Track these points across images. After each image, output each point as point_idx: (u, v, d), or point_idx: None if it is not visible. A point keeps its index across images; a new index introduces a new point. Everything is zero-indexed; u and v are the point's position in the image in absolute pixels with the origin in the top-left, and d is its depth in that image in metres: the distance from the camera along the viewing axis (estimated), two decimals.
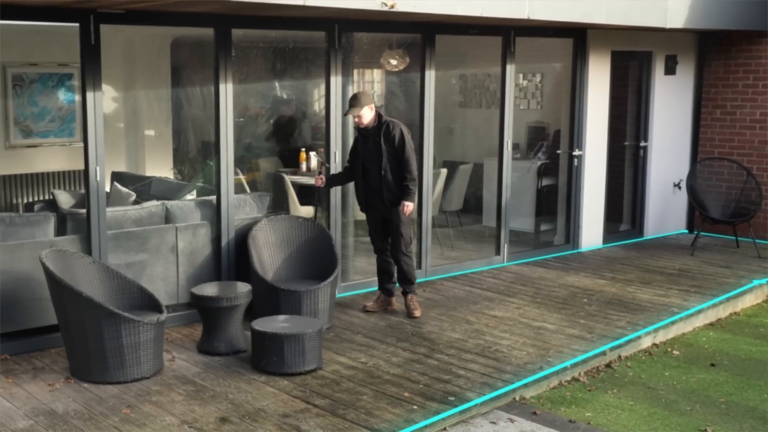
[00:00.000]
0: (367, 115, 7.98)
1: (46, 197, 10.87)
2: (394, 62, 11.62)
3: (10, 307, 7.11)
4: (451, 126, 13.15)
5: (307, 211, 10.16)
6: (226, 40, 7.92)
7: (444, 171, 10.82)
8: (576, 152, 11.03)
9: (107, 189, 8.52)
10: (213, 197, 8.31)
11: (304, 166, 11.51)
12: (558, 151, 11.39)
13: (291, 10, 7.33)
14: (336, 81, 8.72)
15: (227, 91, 8.00)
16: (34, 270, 6.99)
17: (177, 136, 12.56)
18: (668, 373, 7.28)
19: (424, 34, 9.34)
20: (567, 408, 6.47)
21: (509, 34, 10.07)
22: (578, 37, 10.81)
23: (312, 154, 11.56)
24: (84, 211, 7.53)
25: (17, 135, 11.00)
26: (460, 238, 11.40)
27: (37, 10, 6.92)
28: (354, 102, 7.99)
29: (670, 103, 12.07)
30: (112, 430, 5.69)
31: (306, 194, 10.50)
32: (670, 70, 11.94)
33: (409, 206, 8.07)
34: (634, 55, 11.78)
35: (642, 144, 12.00)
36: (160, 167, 11.73)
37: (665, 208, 12.31)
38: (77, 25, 7.12)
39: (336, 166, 8.76)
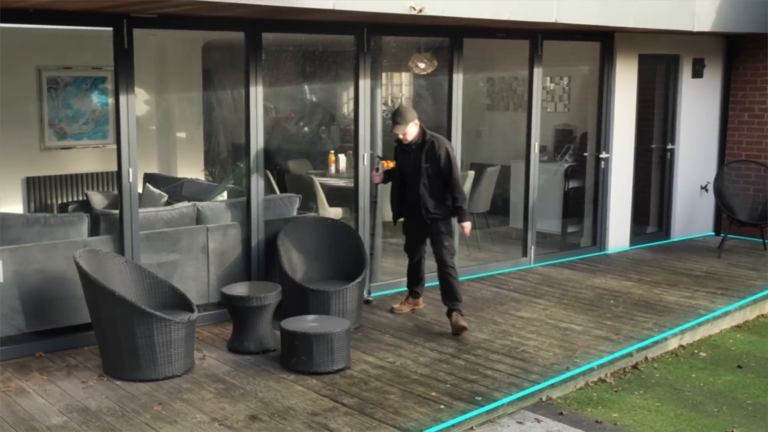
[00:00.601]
0: (413, 131, 7.74)
1: (80, 198, 10.96)
2: (422, 65, 11.69)
3: (45, 305, 7.22)
4: (479, 128, 13.19)
5: (336, 212, 10.22)
6: (256, 44, 7.97)
7: (471, 173, 10.87)
8: (603, 155, 11.04)
9: (140, 190, 8.57)
10: (243, 198, 8.36)
11: (333, 168, 11.59)
12: (585, 154, 11.41)
13: (320, 14, 7.39)
14: (365, 84, 8.76)
15: (257, 93, 8.05)
16: (68, 269, 7.07)
17: (208, 139, 12.67)
18: (695, 374, 7.28)
19: (452, 38, 9.37)
20: (593, 409, 6.48)
21: (537, 37, 10.09)
22: (606, 41, 10.82)
23: (340, 155, 11.64)
24: (117, 211, 7.60)
25: (52, 137, 11.11)
26: (487, 240, 11.43)
27: (72, 14, 7.00)
28: (399, 119, 7.71)
29: (697, 106, 12.04)
30: (144, 427, 5.75)
31: (334, 196, 10.56)
32: (697, 73, 11.91)
33: (467, 226, 7.89)
34: (662, 59, 11.76)
35: (669, 147, 11.98)
36: (192, 169, 11.83)
37: (692, 210, 12.29)
38: (111, 29, 7.19)
39: (365, 168, 8.82)
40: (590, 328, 8.00)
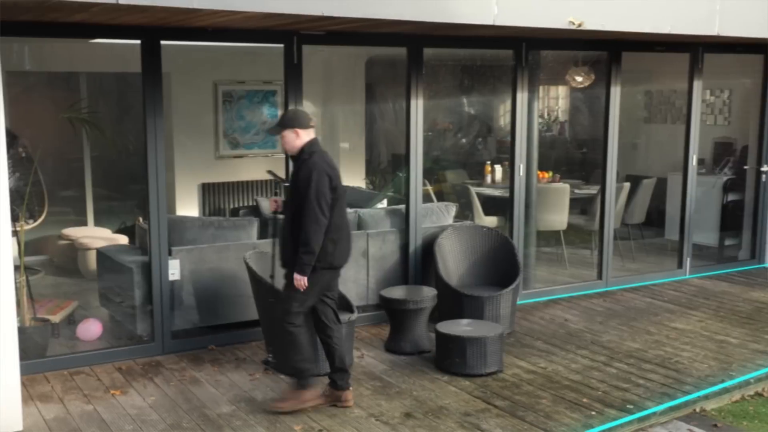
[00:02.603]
0: (289, 139, 5.90)
1: (250, 203, 11.40)
2: (579, 79, 11.73)
3: (217, 302, 7.65)
4: (635, 141, 13.11)
5: (491, 221, 10.37)
6: (418, 59, 8.18)
7: (627, 185, 10.83)
8: (764, 168, 10.81)
9: None
10: (402, 206, 8.61)
11: (489, 178, 11.76)
12: (745, 167, 11.20)
13: (481, 30, 7.49)
14: (522, 97, 8.87)
15: (418, 106, 8.25)
16: (238, 269, 7.44)
17: (369, 149, 12.99)
18: None
19: (609, 51, 9.39)
20: (749, 422, 6.39)
21: (697, 50, 9.99)
22: None
23: (496, 166, 11.77)
24: (283, 216, 7.94)
25: (226, 146, 11.63)
26: (641, 251, 11.36)
27: (246, 33, 7.39)
28: (279, 119, 6.16)
29: None
30: (305, 418, 6.02)
31: (490, 205, 10.72)
32: None
33: (297, 280, 5.84)
34: None
35: None
36: (354, 177, 12.13)
37: None
38: (282, 45, 7.52)
39: (521, 179, 8.93)
40: (747, 342, 7.88)
